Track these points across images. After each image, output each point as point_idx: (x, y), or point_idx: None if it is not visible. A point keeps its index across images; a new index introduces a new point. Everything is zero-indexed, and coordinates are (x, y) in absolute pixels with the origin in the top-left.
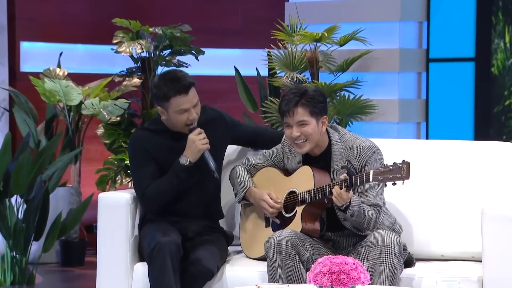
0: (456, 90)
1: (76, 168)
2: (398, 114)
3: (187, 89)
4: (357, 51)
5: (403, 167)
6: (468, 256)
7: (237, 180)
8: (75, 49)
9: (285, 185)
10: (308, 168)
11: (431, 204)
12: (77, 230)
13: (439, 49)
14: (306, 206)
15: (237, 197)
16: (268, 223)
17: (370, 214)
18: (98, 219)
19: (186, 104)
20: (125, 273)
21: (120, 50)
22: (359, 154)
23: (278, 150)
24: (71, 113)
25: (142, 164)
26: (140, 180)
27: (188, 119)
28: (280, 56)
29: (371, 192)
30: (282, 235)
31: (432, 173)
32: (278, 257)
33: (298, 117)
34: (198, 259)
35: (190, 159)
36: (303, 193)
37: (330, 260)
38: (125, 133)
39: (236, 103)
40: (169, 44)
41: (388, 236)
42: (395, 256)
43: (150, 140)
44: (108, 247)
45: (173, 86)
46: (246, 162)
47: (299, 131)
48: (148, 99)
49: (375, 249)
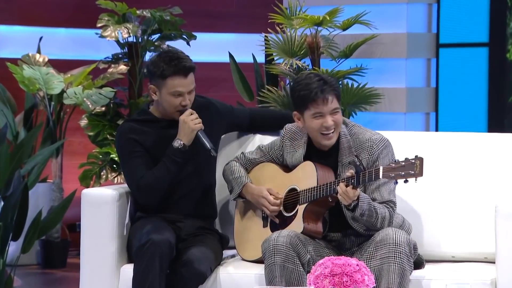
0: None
1: (57, 162)
2: (405, 104)
3: (187, 72)
4: (361, 36)
5: (416, 163)
6: (481, 257)
7: (232, 176)
8: (57, 33)
9: (284, 182)
10: (311, 163)
11: (441, 201)
12: (59, 229)
13: (449, 33)
14: (308, 205)
15: (233, 193)
16: (266, 222)
17: (383, 213)
18: (82, 217)
19: (182, 87)
20: (111, 276)
21: (105, 34)
22: (370, 147)
23: (276, 144)
24: (52, 103)
25: (133, 155)
26: (132, 171)
27: (180, 105)
28: (278, 41)
29: (384, 188)
30: (281, 236)
31: (442, 168)
32: (277, 259)
33: (333, 104)
34: (190, 261)
35: (184, 142)
36: (305, 191)
37: (331, 261)
38: (110, 125)
39: (231, 92)
40: (158, 28)
41: (397, 234)
42: (405, 255)
43: (139, 131)
44: (92, 247)
45: (172, 64)
46: (241, 157)
47: (333, 120)
48: (135, 88)
49: (383, 248)
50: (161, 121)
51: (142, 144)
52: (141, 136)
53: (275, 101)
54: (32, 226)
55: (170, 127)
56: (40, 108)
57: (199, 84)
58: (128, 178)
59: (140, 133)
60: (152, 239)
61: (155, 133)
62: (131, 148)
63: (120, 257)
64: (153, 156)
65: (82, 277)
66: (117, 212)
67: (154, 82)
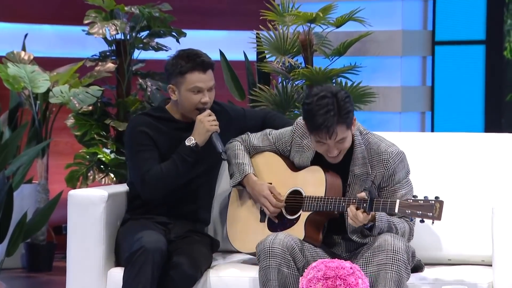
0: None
1: (43, 163)
2: (400, 103)
3: (206, 68)
4: (356, 33)
5: (436, 206)
6: (478, 260)
7: (235, 160)
8: (42, 30)
9: (288, 181)
10: (320, 170)
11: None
12: (45, 231)
13: (446, 30)
14: (312, 214)
15: (233, 179)
16: (263, 217)
17: (402, 228)
18: (68, 219)
19: (201, 82)
20: (98, 280)
21: (92, 31)
22: (386, 160)
23: (285, 137)
24: (38, 102)
25: (142, 148)
26: (139, 164)
27: (200, 102)
28: (270, 38)
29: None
30: (277, 238)
31: (438, 168)
32: (272, 263)
33: (339, 136)
34: (179, 264)
35: (197, 141)
36: (310, 198)
37: (324, 264)
38: (97, 124)
39: (221, 90)
40: (146, 25)
41: (396, 241)
42: (402, 263)
43: (153, 127)
44: (79, 250)
45: (191, 60)
46: (246, 138)
47: (338, 149)
48: (123, 86)
49: (380, 254)
50: (178, 122)
51: (154, 140)
52: (154, 132)
53: (267, 100)
54: (17, 228)
55: (185, 130)
56: (25, 107)
57: None
58: (134, 171)
59: (154, 129)
60: (144, 247)
61: (169, 132)
62: (142, 141)
63: (107, 261)
64: (162, 156)
65: (68, 281)
66: (105, 214)
67: (173, 81)
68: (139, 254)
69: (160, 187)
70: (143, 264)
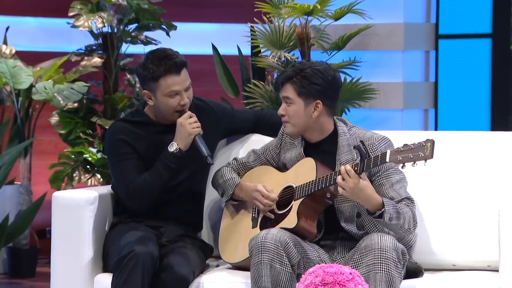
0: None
1: (25, 163)
2: (402, 100)
3: (179, 69)
4: (355, 26)
5: (427, 145)
6: (484, 265)
7: (222, 179)
8: (25, 22)
9: (280, 181)
10: (311, 159)
11: (440, 205)
12: (28, 235)
13: (450, 23)
14: (304, 199)
15: (225, 195)
16: (255, 222)
17: (407, 212)
18: (52, 222)
19: (177, 85)
20: (84, 286)
21: (78, 24)
22: (372, 145)
23: (272, 145)
24: (20, 98)
25: (123, 157)
26: (122, 175)
27: (179, 105)
28: (265, 31)
29: (399, 186)
30: (270, 233)
31: (442, 169)
32: (264, 258)
33: (285, 93)
34: (170, 265)
35: (180, 146)
36: (301, 186)
37: (323, 269)
38: (83, 122)
39: (214, 86)
40: (135, 17)
41: (383, 239)
42: (392, 261)
43: (132, 134)
44: (64, 255)
45: (163, 64)
46: (234, 162)
47: (284, 109)
48: (110, 82)
49: (368, 254)
50: (157, 125)
51: (134, 147)
52: (133, 139)
53: (262, 96)
54: None
55: (166, 132)
56: (6, 104)
57: None
58: (117, 181)
59: (133, 136)
60: (134, 251)
61: (149, 137)
62: (121, 149)
63: (94, 266)
64: (145, 162)
65: (52, 287)
66: (91, 216)
67: (147, 87)
68: (128, 258)
69: (146, 197)
70: (132, 269)
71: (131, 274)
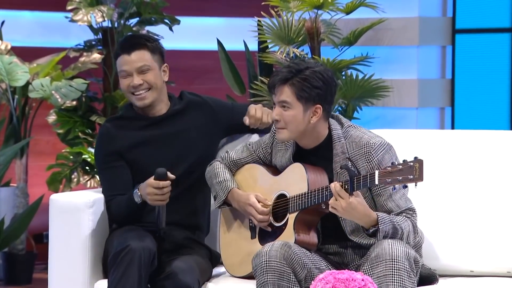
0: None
1: (22, 164)
2: (417, 98)
3: (131, 49)
4: (367, 21)
5: (415, 167)
6: (503, 271)
7: (216, 180)
8: (21, 17)
9: (273, 186)
10: (300, 165)
11: (458, 208)
12: (24, 240)
13: (467, 17)
14: (299, 213)
15: (217, 200)
16: (254, 233)
17: (406, 226)
18: (50, 226)
19: (126, 65)
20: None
21: (76, 18)
22: (368, 153)
23: (265, 142)
24: (16, 96)
25: (106, 166)
26: (104, 185)
27: (129, 86)
28: (273, 26)
29: (398, 196)
30: (273, 250)
31: (459, 170)
32: (269, 278)
33: (282, 96)
34: (174, 273)
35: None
36: (295, 198)
37: (333, 275)
38: (82, 121)
39: (219, 84)
40: (136, 11)
41: (394, 247)
42: (404, 271)
43: (118, 135)
44: (62, 260)
45: (120, 44)
46: (226, 156)
47: (279, 114)
48: (111, 79)
49: (379, 265)
50: (140, 119)
51: (120, 150)
52: (119, 141)
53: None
54: None
55: (147, 127)
56: (2, 102)
57: (184, 74)
58: (102, 189)
59: (119, 137)
60: (130, 246)
61: (137, 134)
62: (105, 158)
63: (94, 272)
64: (133, 160)
65: None
66: (91, 220)
67: None
68: (124, 254)
69: (122, 220)
70: (128, 265)
71: (127, 270)
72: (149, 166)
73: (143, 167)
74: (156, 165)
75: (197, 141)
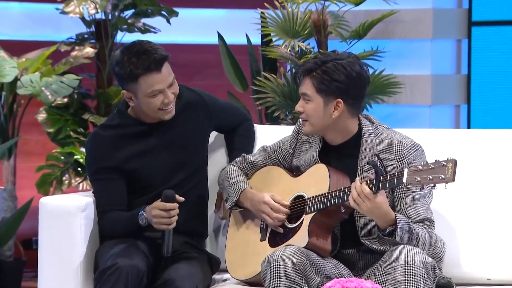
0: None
1: (10, 165)
2: (431, 95)
3: (159, 65)
4: (378, 12)
5: (448, 166)
6: None
7: (228, 182)
8: (9, 8)
9: (291, 187)
10: (324, 166)
11: (474, 212)
12: (12, 246)
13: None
14: (316, 214)
15: (229, 201)
16: (264, 235)
17: (422, 234)
18: (40, 231)
19: (159, 84)
20: None
21: (68, 10)
22: (399, 151)
23: (285, 143)
24: (3, 93)
25: (101, 176)
26: (96, 196)
27: (162, 103)
28: (277, 18)
29: (420, 204)
30: (285, 254)
31: (476, 172)
32: (281, 283)
33: (303, 88)
34: (172, 279)
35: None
36: (313, 198)
37: (341, 284)
38: (74, 120)
39: (220, 79)
40: (132, 2)
41: (410, 253)
42: (421, 278)
43: (115, 148)
44: (52, 268)
45: (140, 61)
46: (241, 160)
47: (302, 106)
48: (104, 75)
49: (394, 271)
50: (138, 125)
51: (115, 160)
52: (114, 151)
53: (273, 90)
54: None
55: (146, 134)
56: None
57: (182, 70)
58: (95, 199)
59: (113, 147)
60: (117, 264)
61: (135, 141)
62: (100, 169)
63: (86, 280)
64: (129, 170)
65: None
66: (83, 225)
67: (126, 87)
68: (110, 272)
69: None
70: (114, 284)
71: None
72: (149, 176)
73: (142, 177)
74: (156, 174)
75: (197, 146)
